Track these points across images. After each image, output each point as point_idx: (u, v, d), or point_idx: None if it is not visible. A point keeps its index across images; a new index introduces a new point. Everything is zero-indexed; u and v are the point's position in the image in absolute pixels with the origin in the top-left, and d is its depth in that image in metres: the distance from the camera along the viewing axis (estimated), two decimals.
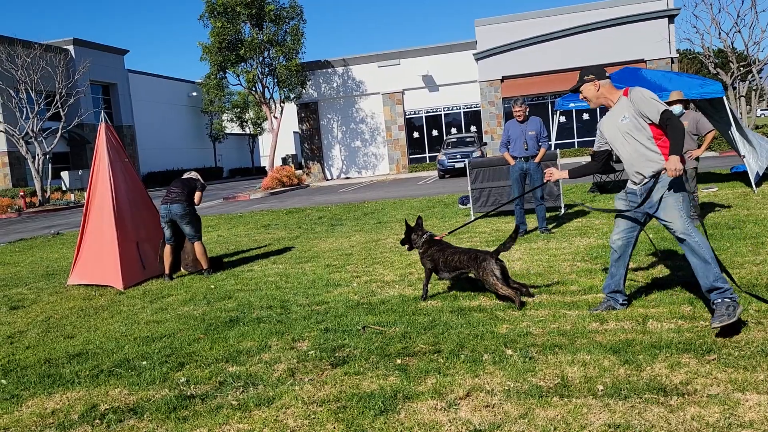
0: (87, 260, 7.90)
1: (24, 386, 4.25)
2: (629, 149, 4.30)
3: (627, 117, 4.26)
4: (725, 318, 3.83)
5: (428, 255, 5.58)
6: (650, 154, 4.21)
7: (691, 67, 40.33)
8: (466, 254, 5.36)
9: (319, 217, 13.83)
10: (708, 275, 4.03)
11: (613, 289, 4.63)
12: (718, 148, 22.45)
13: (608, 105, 4.44)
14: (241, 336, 4.92)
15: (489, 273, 5.07)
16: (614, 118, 4.36)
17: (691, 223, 4.12)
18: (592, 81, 4.39)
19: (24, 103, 28.09)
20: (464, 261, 5.31)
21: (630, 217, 4.45)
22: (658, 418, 2.96)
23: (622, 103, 4.31)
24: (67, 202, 27.94)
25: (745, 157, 10.72)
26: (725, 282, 4.00)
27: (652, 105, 4.14)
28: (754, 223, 7.48)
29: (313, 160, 33.82)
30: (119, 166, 8.07)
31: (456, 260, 5.37)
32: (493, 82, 30.43)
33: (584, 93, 4.45)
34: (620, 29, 28.37)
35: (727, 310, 3.87)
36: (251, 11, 28.57)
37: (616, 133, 4.36)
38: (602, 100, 4.43)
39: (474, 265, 5.21)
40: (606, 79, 4.40)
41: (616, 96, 4.39)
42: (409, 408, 3.32)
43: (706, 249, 4.05)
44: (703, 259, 4.04)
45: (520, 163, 8.49)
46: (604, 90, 4.40)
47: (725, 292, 3.97)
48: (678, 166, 4.00)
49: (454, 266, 5.39)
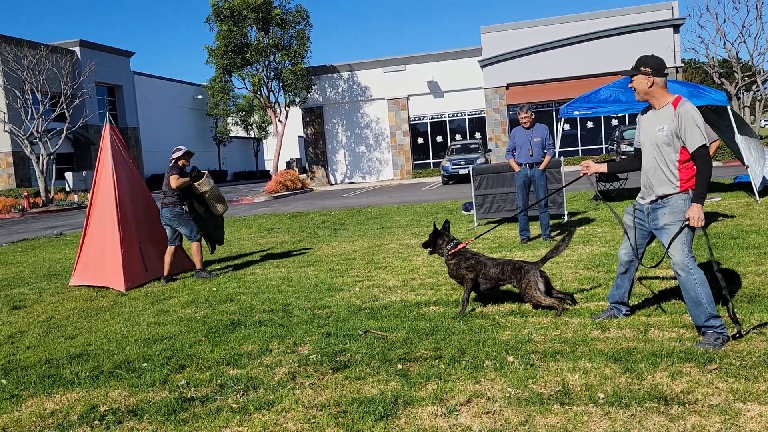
0: (89, 261, 7.91)
1: (24, 386, 4.26)
2: (653, 162, 4.11)
3: (665, 130, 4.01)
4: (710, 347, 3.82)
5: (468, 267, 5.27)
6: (670, 176, 4.03)
7: (696, 76, 40.33)
8: (509, 265, 5.16)
9: (322, 221, 13.83)
10: (700, 316, 3.94)
11: (617, 300, 4.58)
12: (721, 157, 22.41)
13: (653, 104, 4.15)
14: (242, 339, 4.92)
15: (533, 286, 4.92)
16: (654, 123, 4.11)
17: (692, 258, 3.97)
18: (647, 75, 4.05)
19: (29, 103, 28.20)
20: (507, 272, 5.12)
21: (637, 235, 4.33)
22: (659, 427, 2.95)
23: (667, 113, 4.03)
24: (71, 203, 28.01)
25: (749, 167, 10.70)
26: (717, 320, 3.90)
27: (694, 132, 3.91)
28: (757, 234, 7.46)
29: (318, 165, 33.86)
30: (123, 167, 8.09)
31: (498, 272, 5.15)
32: (498, 89, 30.45)
33: (634, 83, 4.12)
34: (626, 38, 28.38)
35: (715, 342, 3.85)
36: (257, 15, 28.68)
37: (648, 138, 4.14)
38: (649, 97, 4.13)
39: (517, 277, 5.05)
40: (662, 78, 4.06)
41: (665, 100, 4.08)
42: (410, 413, 3.32)
43: (701, 288, 3.91)
44: (696, 299, 3.92)
45: (524, 169, 8.49)
46: (656, 88, 4.07)
47: (718, 328, 3.90)
48: (700, 216, 3.85)
49: (496, 278, 5.18)
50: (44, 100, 27.93)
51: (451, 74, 31.65)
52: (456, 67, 31.55)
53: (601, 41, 28.79)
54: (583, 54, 28.85)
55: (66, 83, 29.22)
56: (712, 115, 11.47)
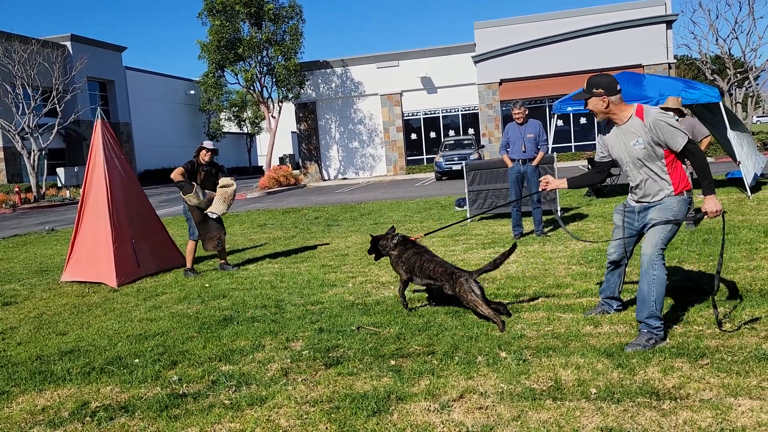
0: (81, 257, 7.87)
1: (15, 383, 4.23)
2: (640, 176, 4.06)
3: (641, 143, 3.95)
4: (639, 347, 3.81)
5: (403, 260, 5.13)
6: (662, 182, 3.99)
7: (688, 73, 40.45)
8: (442, 266, 4.94)
9: (315, 217, 13.81)
10: (642, 311, 3.95)
11: (609, 295, 4.57)
12: (713, 153, 22.53)
13: (615, 121, 4.10)
14: (234, 335, 4.90)
15: (467, 290, 4.67)
16: (624, 138, 4.04)
17: (661, 256, 3.93)
18: (600, 96, 4.02)
19: (20, 98, 27.98)
20: (438, 273, 4.91)
21: (626, 230, 4.27)
22: (651, 422, 2.96)
23: (635, 126, 3.97)
24: (63, 199, 27.84)
25: (741, 163, 10.75)
26: (657, 320, 3.91)
27: (675, 135, 3.88)
28: (749, 229, 7.49)
29: (311, 161, 33.79)
30: (115, 163, 8.04)
31: (431, 269, 4.96)
32: (492, 84, 30.46)
33: (590, 106, 4.09)
34: (618, 34, 28.45)
35: (647, 342, 3.85)
36: (250, 10, 28.56)
37: (624, 155, 4.07)
38: (610, 116, 4.10)
39: (449, 281, 4.81)
40: (616, 95, 4.01)
41: (626, 113, 4.03)
42: (402, 409, 3.32)
43: (656, 287, 3.89)
44: (646, 295, 3.92)
45: (517, 165, 8.50)
46: (613, 107, 4.04)
47: (654, 329, 3.90)
48: (718, 207, 3.84)
49: (428, 275, 4.99)
50: (35, 95, 27.72)
51: (444, 70, 31.63)
52: (449, 63, 31.54)
53: (594, 37, 28.83)
54: (576, 50, 28.89)
55: (57, 78, 29.01)
56: (705, 112, 11.52)
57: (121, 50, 42.06)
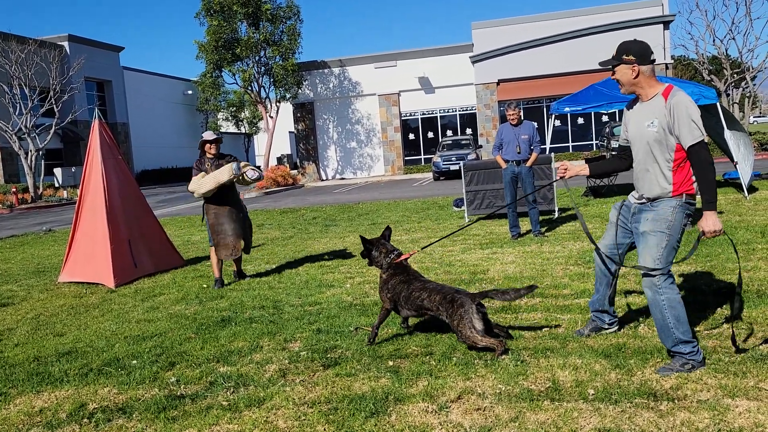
0: (78, 258, 7.86)
1: (12, 384, 4.22)
2: (644, 162, 3.63)
3: (655, 125, 3.50)
4: (673, 372, 3.44)
5: (388, 288, 4.41)
6: (661, 178, 3.54)
7: (685, 73, 40.53)
8: (439, 293, 4.20)
9: (313, 217, 13.81)
10: (666, 340, 3.55)
11: (598, 308, 4.15)
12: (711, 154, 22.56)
13: (640, 97, 3.64)
14: (232, 336, 4.90)
15: (466, 324, 3.99)
16: (642, 117, 3.59)
17: (664, 276, 3.50)
18: (631, 63, 3.52)
19: (17, 98, 27.92)
20: (435, 302, 4.20)
21: (619, 233, 3.88)
22: (648, 423, 2.96)
23: (657, 105, 3.51)
24: (60, 199, 27.80)
25: (738, 163, 10.77)
26: (688, 345, 3.48)
27: (690, 128, 3.40)
28: (746, 229, 7.51)
29: (309, 161, 33.77)
30: (112, 163, 8.03)
31: (423, 298, 4.25)
32: (489, 84, 30.47)
33: (618, 74, 3.60)
34: (616, 34, 28.42)
35: (681, 367, 3.46)
36: (248, 10, 28.54)
37: (637, 136, 3.65)
38: (636, 89, 3.60)
39: (448, 310, 4.12)
40: (648, 65, 3.52)
41: (654, 90, 3.55)
42: (400, 410, 3.32)
43: (669, 312, 3.47)
44: (663, 323, 3.51)
45: (512, 166, 8.51)
46: (643, 78, 3.54)
47: (687, 355, 3.48)
48: (717, 227, 3.38)
49: (419, 305, 4.28)
50: (32, 96, 27.67)
51: (442, 70, 31.64)
52: (447, 63, 31.54)
53: (592, 38, 28.84)
54: (574, 50, 28.90)
55: (55, 78, 28.96)
56: (702, 112, 11.54)
57: (119, 50, 41.99)
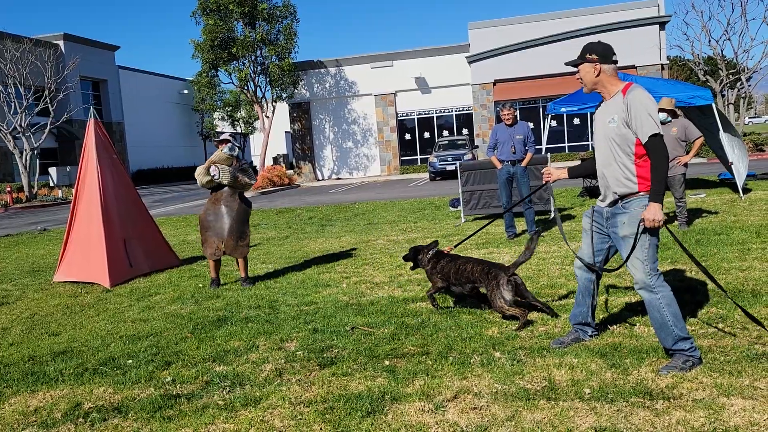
0: (73, 257, 7.83)
1: (7, 384, 4.20)
2: (607, 159, 3.66)
3: (615, 121, 3.57)
4: (676, 370, 3.47)
5: (437, 270, 5.13)
6: (627, 173, 3.57)
7: (681, 74, 40.64)
8: (480, 265, 4.88)
9: (309, 217, 13.80)
10: (667, 339, 3.57)
11: (580, 321, 4.07)
12: (706, 154, 22.62)
13: (603, 96, 3.72)
14: (228, 335, 4.89)
15: (497, 295, 4.60)
16: (605, 115, 3.68)
17: (654, 275, 3.56)
18: (593, 63, 3.63)
19: (12, 97, 27.83)
20: (477, 272, 4.84)
21: (595, 240, 3.87)
22: (644, 422, 2.97)
23: (616, 102, 3.60)
24: (55, 199, 27.70)
25: (733, 164, 10.81)
26: (687, 342, 3.53)
27: (646, 121, 3.45)
28: (741, 230, 7.53)
29: (305, 160, 33.75)
30: (108, 162, 8.01)
31: (469, 270, 4.89)
32: (486, 85, 30.50)
33: (581, 73, 3.69)
34: (612, 35, 28.48)
35: (683, 365, 3.50)
36: (244, 9, 28.49)
37: (601, 133, 3.71)
38: (598, 87, 3.69)
39: (485, 280, 4.75)
40: (610, 65, 3.62)
41: (615, 89, 3.65)
42: (397, 409, 3.32)
43: (667, 309, 3.53)
44: (662, 321, 3.54)
45: (507, 166, 8.51)
46: (604, 77, 3.64)
47: (687, 351, 3.53)
48: (657, 217, 3.41)
49: (467, 277, 4.90)
50: (27, 95, 27.57)
51: (438, 70, 31.65)
52: (443, 63, 31.56)
53: (588, 38, 28.87)
54: (570, 50, 28.80)
55: (50, 77, 28.87)
56: (698, 113, 11.57)
57: (114, 49, 41.89)
